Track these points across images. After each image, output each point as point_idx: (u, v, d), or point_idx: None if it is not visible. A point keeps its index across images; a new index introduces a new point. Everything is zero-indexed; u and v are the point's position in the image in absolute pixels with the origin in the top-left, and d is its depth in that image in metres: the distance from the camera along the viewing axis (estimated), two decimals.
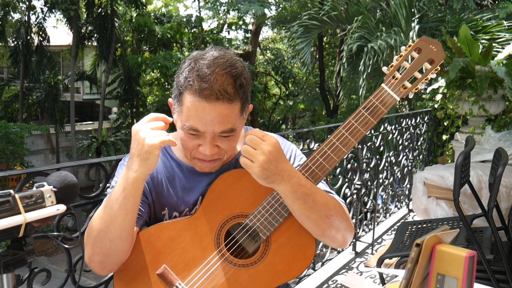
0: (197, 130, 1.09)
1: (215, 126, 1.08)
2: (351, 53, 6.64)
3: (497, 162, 2.25)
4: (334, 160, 1.14)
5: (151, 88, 21.36)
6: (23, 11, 17.91)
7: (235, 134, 1.14)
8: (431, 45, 1.16)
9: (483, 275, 2.08)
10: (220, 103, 1.05)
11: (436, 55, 1.15)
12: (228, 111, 1.07)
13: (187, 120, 1.08)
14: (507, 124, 4.68)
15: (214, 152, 1.12)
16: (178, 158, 1.24)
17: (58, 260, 11.67)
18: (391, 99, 1.14)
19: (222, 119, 1.07)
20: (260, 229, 1.14)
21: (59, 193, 0.84)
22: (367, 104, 1.15)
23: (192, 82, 1.06)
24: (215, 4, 15.63)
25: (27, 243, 0.82)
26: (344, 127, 1.14)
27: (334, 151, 1.14)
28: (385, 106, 1.14)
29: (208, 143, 1.10)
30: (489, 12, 6.69)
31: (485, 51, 4.36)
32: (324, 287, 2.85)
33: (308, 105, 18.78)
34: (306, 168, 1.14)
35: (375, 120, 1.14)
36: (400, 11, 6.31)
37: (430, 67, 1.16)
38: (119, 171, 1.23)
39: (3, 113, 18.47)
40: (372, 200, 3.64)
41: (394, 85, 1.15)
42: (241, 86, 1.09)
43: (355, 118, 1.14)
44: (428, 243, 0.90)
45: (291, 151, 1.30)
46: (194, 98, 1.06)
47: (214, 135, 1.10)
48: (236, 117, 1.11)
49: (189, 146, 1.13)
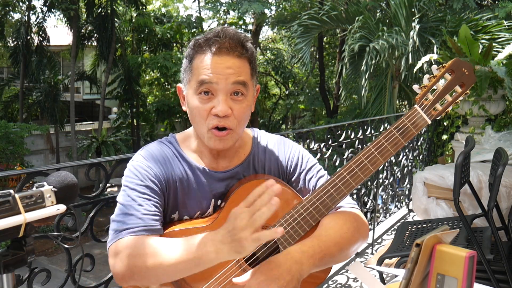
0: (211, 82, 1.09)
1: (228, 76, 1.09)
2: (353, 53, 6.65)
3: (497, 162, 2.25)
4: (361, 178, 1.13)
5: (151, 88, 21.37)
6: (23, 11, 17.92)
7: (247, 98, 1.13)
8: (463, 68, 1.14)
9: (483, 275, 2.08)
10: (230, 56, 1.10)
11: (468, 79, 1.14)
12: (239, 63, 1.11)
13: (200, 75, 1.10)
14: (507, 124, 4.68)
15: (228, 112, 1.09)
16: (191, 159, 1.20)
17: (58, 260, 11.66)
18: (422, 121, 1.13)
19: (234, 70, 1.10)
20: (281, 242, 1.13)
21: (59, 193, 0.84)
22: (399, 124, 1.14)
23: (202, 43, 1.11)
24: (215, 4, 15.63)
25: (27, 243, 0.82)
26: (374, 146, 1.14)
27: (362, 169, 1.14)
28: (416, 128, 1.13)
29: (222, 100, 1.09)
30: (489, 12, 6.70)
31: (485, 51, 4.36)
32: (324, 287, 2.85)
33: (308, 105, 18.78)
34: (333, 184, 1.14)
35: (405, 141, 1.13)
36: (400, 11, 6.31)
37: (461, 91, 1.14)
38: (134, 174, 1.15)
39: (3, 113, 18.47)
40: (372, 200, 3.64)
41: (427, 107, 1.14)
42: (248, 47, 1.13)
43: (386, 138, 1.14)
44: (428, 243, 0.90)
45: (298, 153, 1.27)
46: (204, 55, 1.11)
47: (227, 91, 1.10)
48: (248, 75, 1.13)
49: (202, 112, 1.11)
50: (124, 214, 1.10)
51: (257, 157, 1.25)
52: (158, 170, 1.16)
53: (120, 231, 1.08)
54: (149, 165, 1.16)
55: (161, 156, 1.19)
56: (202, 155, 1.21)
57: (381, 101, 6.85)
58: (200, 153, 1.21)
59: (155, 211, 1.11)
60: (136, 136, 19.11)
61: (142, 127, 20.44)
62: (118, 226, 1.09)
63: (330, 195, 1.14)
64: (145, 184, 1.13)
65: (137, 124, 19.60)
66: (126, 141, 17.81)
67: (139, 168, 1.15)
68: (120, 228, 1.08)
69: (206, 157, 1.21)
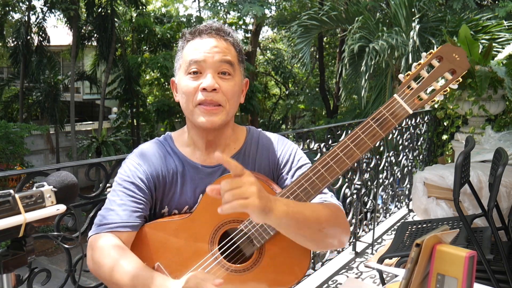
0: (198, 60, 1.15)
1: (215, 54, 1.15)
2: (353, 54, 6.65)
3: (497, 162, 2.25)
4: (336, 171, 1.08)
5: (151, 88, 21.37)
6: (23, 11, 17.91)
7: (235, 78, 1.18)
8: (454, 53, 1.06)
9: (483, 275, 2.08)
10: (214, 38, 1.18)
11: (459, 64, 1.05)
12: (225, 45, 1.18)
13: (188, 57, 1.17)
14: (507, 124, 4.68)
15: (215, 86, 1.14)
16: (182, 154, 1.24)
17: (58, 260, 11.67)
18: (403, 111, 1.06)
19: (221, 49, 1.16)
20: (255, 236, 1.12)
21: (59, 193, 0.84)
22: (376, 115, 1.08)
23: (191, 32, 1.21)
24: (215, 4, 15.62)
25: (27, 243, 0.82)
26: (349, 138, 1.08)
27: (337, 162, 1.08)
28: (396, 119, 1.06)
29: (209, 76, 1.14)
30: (489, 11, 6.70)
31: (485, 51, 4.36)
32: (324, 287, 2.85)
33: (308, 105, 18.79)
34: (307, 178, 1.09)
35: (383, 132, 1.07)
36: (400, 11, 6.31)
37: (451, 78, 1.06)
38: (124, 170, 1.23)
39: (3, 113, 18.47)
40: (372, 200, 3.64)
41: (408, 96, 1.07)
42: (233, 37, 1.21)
43: (363, 129, 1.08)
44: (428, 243, 0.90)
45: (291, 150, 1.28)
46: (193, 41, 1.19)
47: (215, 69, 1.15)
48: (234, 57, 1.19)
49: (191, 89, 1.16)
50: (107, 208, 1.18)
51: (248, 153, 1.27)
52: (148, 168, 1.22)
53: (98, 226, 1.16)
54: (139, 162, 1.22)
55: (153, 153, 1.24)
56: (195, 148, 1.25)
57: (381, 101, 6.84)
58: (192, 146, 1.25)
59: (135, 207, 1.17)
60: (136, 136, 19.11)
61: (142, 127, 20.45)
62: (98, 220, 1.18)
63: (304, 190, 1.10)
64: (131, 181, 1.20)
65: (137, 124, 19.61)
66: (126, 141, 17.81)
67: (129, 165, 1.23)
68: (100, 223, 1.17)
69: (198, 150, 1.24)
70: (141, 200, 1.18)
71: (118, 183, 1.21)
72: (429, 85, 1.06)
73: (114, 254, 1.10)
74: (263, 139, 1.30)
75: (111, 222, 1.15)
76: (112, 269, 1.09)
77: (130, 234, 1.15)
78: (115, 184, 1.22)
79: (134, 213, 1.16)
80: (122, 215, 1.15)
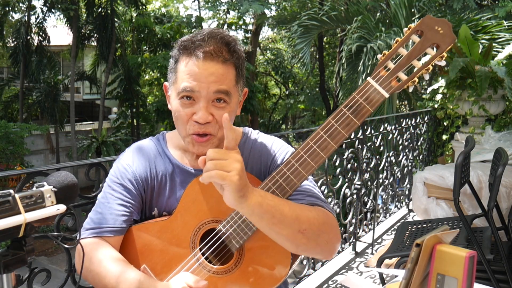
0: (192, 90, 1.08)
1: (210, 84, 1.07)
2: (351, 53, 6.64)
3: (497, 162, 2.25)
4: (311, 165, 1.00)
5: (151, 88, 21.37)
6: (23, 11, 17.91)
7: (230, 105, 1.11)
8: (436, 25, 0.93)
9: (483, 275, 2.08)
10: (214, 62, 1.07)
11: (443, 38, 0.93)
12: (222, 70, 1.08)
13: (182, 81, 1.09)
14: (507, 124, 4.68)
15: (208, 119, 1.09)
16: (174, 158, 1.23)
17: (58, 260, 11.67)
18: (378, 95, 0.95)
19: (217, 77, 1.07)
20: (233, 236, 1.08)
21: (59, 193, 0.84)
22: (349, 101, 0.97)
23: (188, 45, 1.09)
24: (215, 4, 15.63)
25: (27, 243, 0.82)
26: (322, 129, 0.99)
27: (311, 155, 0.99)
28: (370, 104, 0.96)
29: (202, 107, 1.08)
30: (489, 11, 6.70)
31: (485, 51, 4.36)
32: (324, 287, 2.85)
33: (308, 105, 18.79)
34: (281, 174, 1.02)
35: (358, 120, 0.97)
36: (400, 11, 6.31)
37: (435, 53, 0.93)
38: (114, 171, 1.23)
39: (3, 113, 18.48)
40: (372, 200, 3.64)
41: (383, 78, 0.95)
42: (235, 51, 1.10)
43: (335, 118, 0.98)
44: (428, 243, 0.90)
45: (285, 154, 1.23)
46: (189, 59, 1.08)
47: (209, 99, 1.08)
48: (231, 83, 1.10)
49: (183, 116, 1.11)
50: (95, 211, 1.19)
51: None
52: (138, 169, 1.21)
53: (86, 229, 1.17)
54: (129, 163, 1.22)
55: (145, 153, 1.24)
56: (185, 153, 1.24)
57: None
58: (183, 150, 1.24)
59: (122, 210, 1.17)
60: (136, 136, 19.11)
61: (142, 127, 20.45)
62: (87, 223, 1.18)
63: (279, 186, 1.03)
64: (120, 182, 1.19)
65: (137, 124, 19.61)
66: (126, 141, 17.81)
67: (119, 167, 1.22)
68: (88, 226, 1.17)
69: (188, 155, 1.23)
70: (129, 202, 1.18)
71: (108, 184, 1.21)
72: (408, 64, 0.94)
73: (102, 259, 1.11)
74: (258, 142, 1.26)
75: (98, 227, 1.15)
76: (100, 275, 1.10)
77: (117, 238, 1.16)
78: (105, 185, 1.22)
79: (121, 217, 1.16)
80: (109, 219, 1.16)
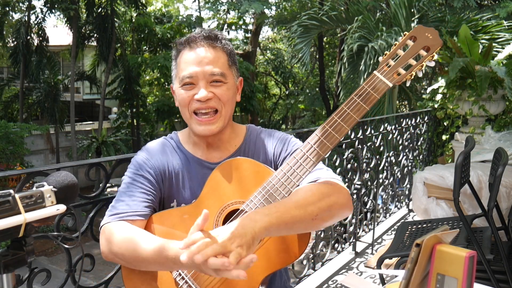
0: (191, 76, 1.23)
1: (205, 67, 1.23)
2: (352, 53, 6.64)
3: (497, 162, 2.25)
4: (327, 146, 1.15)
5: (151, 88, 21.36)
6: (23, 11, 17.90)
7: (227, 83, 1.26)
8: (426, 33, 1.16)
9: (483, 275, 2.08)
10: (205, 48, 1.25)
11: (432, 42, 1.16)
12: (214, 55, 1.25)
13: (182, 72, 1.25)
14: (507, 124, 4.69)
15: (209, 96, 1.23)
16: (187, 151, 1.34)
17: (58, 260, 11.66)
18: (383, 85, 1.15)
19: (210, 60, 1.24)
20: None
21: (59, 193, 0.84)
22: (359, 91, 1.16)
23: (182, 42, 1.28)
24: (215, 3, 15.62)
25: (27, 243, 0.82)
26: (336, 114, 1.16)
27: (327, 137, 1.15)
28: (377, 92, 1.15)
29: (201, 86, 1.23)
30: (489, 11, 6.69)
31: (485, 51, 4.36)
32: (324, 287, 2.85)
33: (308, 105, 18.78)
34: (302, 153, 1.14)
35: (367, 106, 1.15)
36: (400, 11, 6.31)
37: (426, 54, 1.16)
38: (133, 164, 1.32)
39: (3, 113, 18.46)
40: (372, 200, 3.64)
41: (386, 72, 1.17)
42: (223, 39, 1.28)
43: (348, 105, 1.16)
44: (428, 243, 0.90)
45: (284, 140, 1.34)
46: (184, 52, 1.27)
47: (207, 80, 1.23)
48: (224, 66, 1.26)
49: (185, 99, 1.25)
50: (117, 200, 1.26)
51: (247, 149, 1.35)
52: (155, 162, 1.31)
53: (110, 215, 1.23)
54: (147, 157, 1.32)
55: (161, 149, 1.34)
56: (198, 147, 1.34)
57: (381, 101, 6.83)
58: (195, 145, 1.34)
59: (144, 197, 1.25)
60: (136, 136, 19.10)
61: (142, 127, 20.44)
62: (109, 211, 1.25)
63: (299, 166, 1.15)
64: (140, 173, 1.28)
65: (137, 124, 19.59)
66: (126, 141, 17.80)
67: (138, 160, 1.32)
68: (111, 213, 1.23)
69: (200, 149, 1.34)
70: (150, 191, 1.26)
71: (128, 176, 1.29)
72: (405, 61, 1.16)
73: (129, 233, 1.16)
74: (261, 135, 1.37)
75: (121, 212, 1.22)
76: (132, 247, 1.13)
77: (140, 222, 1.22)
78: (125, 178, 1.30)
79: (143, 203, 1.24)
80: (131, 205, 1.22)
